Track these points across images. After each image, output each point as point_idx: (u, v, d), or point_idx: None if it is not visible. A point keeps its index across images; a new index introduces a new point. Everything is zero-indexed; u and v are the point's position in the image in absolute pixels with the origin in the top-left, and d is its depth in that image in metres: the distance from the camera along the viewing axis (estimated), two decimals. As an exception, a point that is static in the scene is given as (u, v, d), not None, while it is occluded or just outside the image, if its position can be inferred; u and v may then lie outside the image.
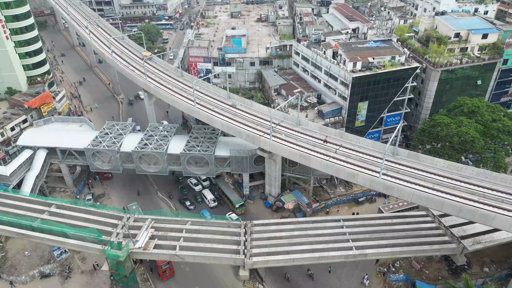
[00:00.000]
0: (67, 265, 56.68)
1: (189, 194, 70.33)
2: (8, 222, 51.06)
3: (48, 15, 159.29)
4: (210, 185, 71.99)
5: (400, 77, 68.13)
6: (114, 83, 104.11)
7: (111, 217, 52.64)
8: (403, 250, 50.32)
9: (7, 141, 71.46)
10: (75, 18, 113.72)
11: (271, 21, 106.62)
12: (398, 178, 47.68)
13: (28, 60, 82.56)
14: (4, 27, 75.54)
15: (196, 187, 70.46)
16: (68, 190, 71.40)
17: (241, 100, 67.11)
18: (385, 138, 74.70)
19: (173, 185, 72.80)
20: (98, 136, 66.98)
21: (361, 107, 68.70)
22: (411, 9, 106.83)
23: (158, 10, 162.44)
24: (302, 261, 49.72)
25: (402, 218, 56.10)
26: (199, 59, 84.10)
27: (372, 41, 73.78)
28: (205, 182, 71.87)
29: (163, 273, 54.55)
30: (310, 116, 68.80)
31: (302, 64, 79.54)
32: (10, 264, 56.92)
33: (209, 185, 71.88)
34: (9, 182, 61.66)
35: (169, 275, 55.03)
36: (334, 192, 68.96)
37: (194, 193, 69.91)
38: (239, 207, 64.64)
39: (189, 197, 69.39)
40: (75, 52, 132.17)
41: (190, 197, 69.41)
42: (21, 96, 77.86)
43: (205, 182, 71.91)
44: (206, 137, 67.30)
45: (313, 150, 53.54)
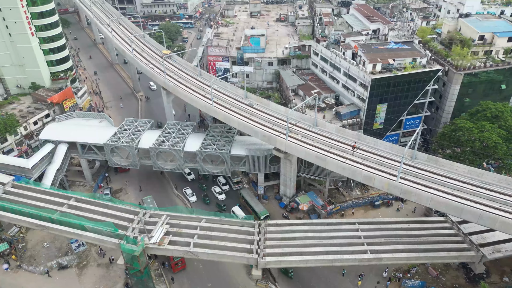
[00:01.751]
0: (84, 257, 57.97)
1: (212, 202, 68.60)
2: (29, 213, 52.55)
3: (72, 12, 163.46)
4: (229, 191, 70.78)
5: (421, 79, 66.83)
6: (134, 81, 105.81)
7: (128, 212, 53.50)
8: (420, 256, 49.37)
9: (30, 135, 73.54)
10: (98, 16, 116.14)
11: (290, 21, 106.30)
12: (416, 183, 46.76)
13: (52, 56, 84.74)
14: (30, 23, 77.74)
15: (220, 195, 68.45)
16: (87, 184, 72.95)
17: (258, 99, 67.13)
18: (404, 141, 73.39)
19: (187, 182, 73.47)
20: (117, 132, 68.17)
21: (380, 109, 67.71)
22: (434, 11, 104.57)
23: (178, 9, 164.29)
24: (315, 263, 49.40)
25: (420, 223, 55.09)
26: (218, 58, 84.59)
27: (393, 43, 72.62)
28: (225, 187, 71.15)
29: (175, 266, 55.42)
30: (328, 117, 68.25)
31: (321, 65, 78.99)
32: (29, 254, 58.55)
33: (228, 189, 70.86)
34: (31, 175, 63.49)
35: (180, 268, 55.71)
36: (349, 195, 68.19)
37: (217, 201, 67.95)
38: (264, 219, 60.84)
39: (212, 206, 68.06)
40: (97, 49, 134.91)
41: (212, 206, 68.17)
42: (44, 92, 79.98)
43: (224, 186, 71.34)
44: (222, 135, 67.60)
45: (329, 152, 53.10)
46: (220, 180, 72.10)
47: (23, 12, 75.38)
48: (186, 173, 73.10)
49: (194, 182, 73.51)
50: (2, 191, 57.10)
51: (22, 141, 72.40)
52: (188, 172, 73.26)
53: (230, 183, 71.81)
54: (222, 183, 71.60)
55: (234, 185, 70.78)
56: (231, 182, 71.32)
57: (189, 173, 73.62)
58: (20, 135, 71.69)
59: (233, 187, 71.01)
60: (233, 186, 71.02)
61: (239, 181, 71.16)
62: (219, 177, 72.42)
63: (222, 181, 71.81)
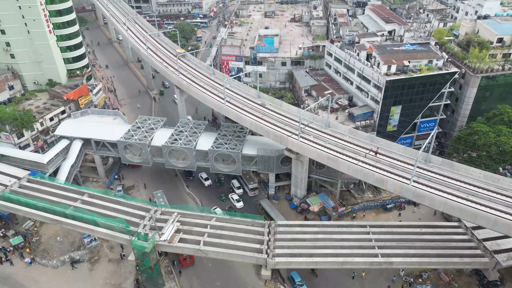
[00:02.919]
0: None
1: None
2: (43, 208, 53.59)
3: (89, 11, 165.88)
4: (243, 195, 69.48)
5: (436, 82, 65.77)
6: (148, 79, 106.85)
7: (139, 209, 54.07)
8: (432, 261, 48.63)
9: (46, 131, 74.89)
10: (114, 15, 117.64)
11: (304, 22, 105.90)
12: (429, 186, 46.10)
13: (69, 54, 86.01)
14: (48, 21, 79.13)
15: (238, 203, 66.70)
16: (100, 181, 73.94)
17: (271, 99, 67.05)
18: (418, 144, 72.35)
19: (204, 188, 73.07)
20: (131, 129, 68.93)
21: (394, 112, 66.88)
22: (451, 12, 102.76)
23: (193, 8, 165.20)
24: (325, 265, 49.12)
25: (432, 228, 54.21)
26: (231, 58, 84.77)
27: (408, 44, 71.65)
28: (239, 190, 69.89)
29: (184, 261, 55.96)
30: (340, 119, 67.74)
31: (335, 66, 78.45)
32: (43, 248, 59.66)
33: (242, 193, 69.58)
34: (46, 170, 64.71)
35: (189, 263, 56.20)
36: (361, 197, 67.54)
37: (235, 210, 66.10)
38: None
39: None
40: (113, 47, 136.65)
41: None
42: (60, 88, 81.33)
43: (238, 190, 70.01)
44: (234, 135, 67.71)
45: (342, 153, 52.69)
46: (234, 183, 71.00)
47: (42, 10, 76.77)
48: (204, 178, 72.42)
49: (211, 188, 71.62)
50: (18, 185, 58.34)
51: (38, 136, 73.77)
52: (205, 178, 72.44)
53: (245, 188, 70.24)
54: (236, 186, 70.65)
55: (250, 191, 69.15)
56: (247, 188, 69.75)
57: (207, 178, 72.57)
58: (36, 131, 73.06)
59: (248, 193, 69.34)
60: (249, 192, 69.33)
61: (255, 187, 69.31)
62: (233, 181, 71.43)
63: (236, 185, 70.69)
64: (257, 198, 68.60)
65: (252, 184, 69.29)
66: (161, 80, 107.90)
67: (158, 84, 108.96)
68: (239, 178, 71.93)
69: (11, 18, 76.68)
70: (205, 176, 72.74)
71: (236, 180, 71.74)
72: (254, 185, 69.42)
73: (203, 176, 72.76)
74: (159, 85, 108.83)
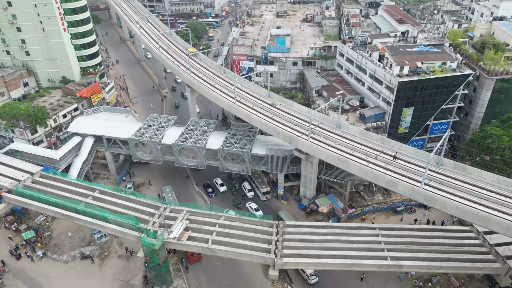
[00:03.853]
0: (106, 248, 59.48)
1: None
2: (55, 203, 54.42)
3: (102, 9, 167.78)
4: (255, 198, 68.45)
5: (450, 84, 64.87)
6: (159, 78, 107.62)
7: (149, 206, 54.53)
8: (442, 265, 47.97)
9: (59, 127, 76.00)
10: (127, 13, 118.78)
11: (316, 22, 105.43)
12: (441, 190, 45.49)
13: (82, 51, 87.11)
14: (63, 19, 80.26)
15: (256, 212, 64.49)
16: (111, 177, 74.76)
17: (281, 99, 66.95)
18: (430, 147, 71.43)
19: (207, 179, 74.04)
20: (142, 127, 69.52)
21: (406, 113, 66.16)
22: (466, 13, 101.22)
23: (205, 7, 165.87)
24: (333, 266, 48.83)
25: (443, 232, 53.52)
26: (242, 57, 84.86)
27: (422, 45, 70.79)
28: (250, 193, 68.70)
29: (191, 256, 56.22)
30: (351, 120, 67.27)
31: (346, 66, 77.95)
32: (54, 243, 60.54)
33: (253, 196, 68.52)
34: (58, 166, 65.68)
35: (196, 259, 56.44)
36: (371, 199, 67.00)
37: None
38: None
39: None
40: (125, 46, 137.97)
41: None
42: (74, 86, 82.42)
43: (249, 192, 68.83)
44: (244, 134, 67.78)
45: (352, 155, 52.33)
46: (245, 186, 70.24)
47: (57, 8, 77.88)
48: (219, 184, 71.25)
49: (227, 194, 70.19)
50: (31, 180, 59.32)
51: (51, 133, 74.90)
52: (221, 183, 71.31)
53: (257, 192, 69.23)
54: (247, 189, 69.59)
55: (262, 195, 68.04)
56: (259, 192, 68.70)
57: (222, 184, 71.39)
58: (49, 127, 74.19)
59: (260, 198, 68.30)
60: (261, 196, 68.24)
61: (267, 191, 68.17)
62: (244, 183, 70.73)
63: (248, 187, 69.91)
64: (271, 204, 67.51)
65: (264, 188, 68.00)
66: (173, 77, 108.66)
67: (170, 84, 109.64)
68: (250, 182, 71.26)
69: (27, 15, 78.02)
70: (220, 181, 71.72)
71: (248, 183, 70.93)
72: (266, 189, 68.06)
73: (218, 182, 71.66)
74: (171, 84, 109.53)
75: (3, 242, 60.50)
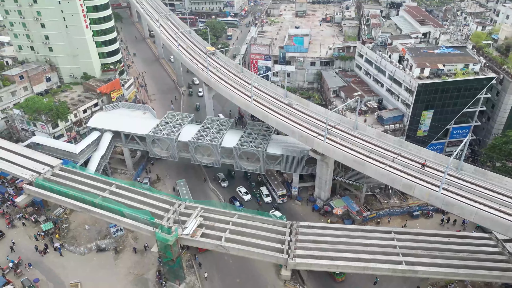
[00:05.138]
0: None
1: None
2: (74, 196, 55.61)
3: (124, 7, 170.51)
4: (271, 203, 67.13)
5: (472, 87, 63.24)
6: (178, 75, 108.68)
7: (164, 202, 55.11)
8: (459, 272, 46.83)
9: (79, 122, 77.62)
10: (148, 11, 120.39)
11: (336, 22, 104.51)
12: (460, 195, 44.45)
13: (104, 48, 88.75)
14: (85, 16, 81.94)
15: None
16: (128, 173, 75.94)
17: (298, 99, 66.64)
18: (449, 151, 69.91)
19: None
20: (159, 124, 70.35)
21: (425, 116, 64.89)
22: (491, 15, 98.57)
23: (225, 6, 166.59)
24: (347, 269, 48.36)
25: (461, 238, 52.25)
26: (260, 57, 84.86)
27: (444, 47, 69.30)
28: (267, 198, 67.66)
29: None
30: (369, 121, 66.42)
31: (365, 67, 77.01)
32: (71, 235, 61.88)
33: (270, 201, 67.25)
34: (78, 160, 67.13)
35: (205, 249, 55.71)
36: (387, 203, 66.00)
37: None
38: None
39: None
40: (145, 43, 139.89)
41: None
42: (94, 82, 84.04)
43: (267, 198, 67.71)
44: (259, 133, 67.78)
45: (369, 157, 51.66)
46: (262, 191, 69.13)
47: (80, 5, 79.56)
48: (243, 192, 69.26)
49: (252, 203, 67.86)
50: (50, 173, 60.78)
51: (71, 127, 76.55)
52: (245, 191, 69.32)
53: (273, 195, 68.28)
54: (265, 194, 68.53)
55: (279, 198, 67.27)
56: (275, 195, 67.74)
57: (246, 192, 69.27)
58: (70, 122, 75.84)
59: (277, 200, 67.48)
60: (277, 199, 67.42)
61: (283, 194, 67.41)
62: (262, 188, 69.96)
63: (265, 192, 68.89)
64: (285, 204, 66.81)
65: (280, 191, 67.24)
66: (192, 79, 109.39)
67: (186, 81, 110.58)
68: (267, 184, 70.49)
69: (51, 12, 80.00)
70: (244, 190, 69.76)
71: (265, 187, 70.00)
72: (282, 191, 67.31)
73: (241, 191, 69.54)
74: (187, 82, 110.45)
75: (25, 235, 62.30)
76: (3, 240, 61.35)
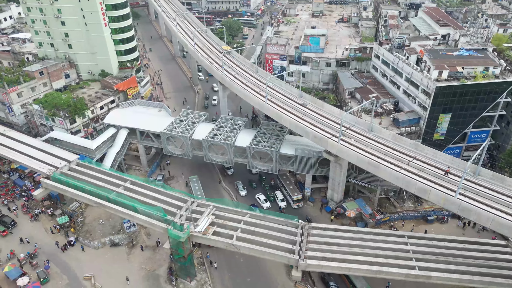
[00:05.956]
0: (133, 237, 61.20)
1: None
2: (89, 191, 56.57)
3: (142, 6, 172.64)
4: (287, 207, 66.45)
5: (492, 90, 61.78)
6: (193, 74, 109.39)
7: (177, 199, 55.56)
8: (474, 279, 45.81)
9: (96, 118, 78.92)
10: (165, 10, 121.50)
11: (353, 22, 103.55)
12: (477, 200, 43.50)
13: (121, 46, 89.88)
14: (104, 14, 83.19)
15: None
16: (142, 169, 76.86)
17: (313, 100, 66.29)
18: (467, 155, 68.42)
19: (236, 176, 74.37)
20: (174, 122, 70.96)
21: (443, 119, 63.71)
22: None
23: (241, 6, 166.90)
24: (358, 272, 47.78)
25: (477, 245, 51.09)
26: (275, 56, 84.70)
27: (463, 49, 67.92)
28: (282, 203, 66.62)
29: None
30: (384, 123, 65.59)
31: (382, 69, 76.06)
32: (86, 229, 62.98)
33: (286, 206, 66.40)
34: (94, 155, 68.26)
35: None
36: (401, 206, 65.10)
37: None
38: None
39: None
40: (162, 42, 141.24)
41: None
42: (111, 79, 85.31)
43: (282, 202, 66.70)
44: (273, 133, 67.68)
45: (383, 159, 51.02)
46: (277, 195, 68.34)
47: (99, 4, 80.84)
48: (262, 199, 67.46)
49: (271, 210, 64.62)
50: (67, 168, 61.97)
51: (88, 123, 77.90)
52: (264, 199, 67.63)
53: (289, 199, 67.38)
54: (280, 198, 67.68)
55: (294, 203, 66.20)
56: (291, 200, 66.81)
57: (266, 200, 67.57)
58: (87, 118, 77.18)
59: (292, 205, 66.41)
60: (292, 204, 66.37)
61: (299, 199, 66.20)
62: (277, 192, 68.94)
63: (280, 197, 68.04)
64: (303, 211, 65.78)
65: (296, 196, 66.19)
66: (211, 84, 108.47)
67: (202, 81, 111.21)
68: (282, 189, 69.78)
69: (71, 10, 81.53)
70: (263, 197, 67.95)
71: (280, 192, 69.39)
72: (298, 196, 66.20)
73: (260, 198, 67.89)
74: (202, 82, 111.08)
75: (41, 228, 63.74)
76: (15, 229, 62.90)
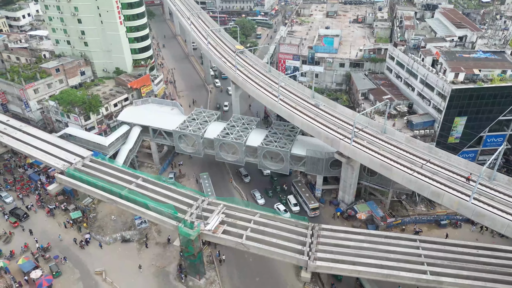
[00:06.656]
0: (145, 234, 61.80)
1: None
2: (102, 187, 57.35)
3: (157, 5, 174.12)
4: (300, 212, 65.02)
5: (509, 94, 60.42)
6: (206, 73, 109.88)
7: (188, 197, 55.91)
8: (486, 286, 44.87)
9: (109, 115, 79.86)
10: (180, 9, 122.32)
11: (368, 23, 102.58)
12: (491, 206, 42.67)
13: (136, 44, 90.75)
14: (120, 13, 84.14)
15: None
16: (154, 167, 77.55)
17: (325, 100, 65.92)
18: (482, 159, 67.11)
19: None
20: (186, 120, 71.42)
21: (458, 123, 62.64)
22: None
23: (255, 5, 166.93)
24: (368, 275, 47.38)
25: (491, 251, 50.09)
26: (288, 56, 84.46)
27: (480, 51, 66.67)
28: (295, 208, 65.49)
29: None
30: (398, 126, 64.84)
31: (396, 70, 75.17)
32: (98, 224, 63.86)
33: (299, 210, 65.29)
34: (107, 152, 69.20)
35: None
36: (413, 210, 64.28)
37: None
38: None
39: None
40: (176, 41, 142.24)
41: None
42: (126, 77, 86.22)
43: (295, 207, 65.62)
44: (284, 133, 67.54)
45: (396, 162, 50.45)
46: (290, 200, 67.22)
47: (115, 2, 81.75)
48: (282, 210, 64.69)
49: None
50: (81, 164, 62.92)
51: (102, 120, 78.87)
52: (284, 209, 64.97)
53: (304, 207, 65.77)
54: (292, 203, 66.41)
55: (310, 212, 64.10)
56: (307, 208, 64.84)
57: (286, 210, 64.78)
58: (101, 115, 78.14)
59: (308, 214, 64.19)
60: (309, 212, 64.28)
61: (316, 207, 64.28)
62: (289, 197, 67.71)
63: (293, 201, 66.77)
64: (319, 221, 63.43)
65: (312, 204, 64.00)
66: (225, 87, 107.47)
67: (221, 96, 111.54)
68: (297, 196, 68.36)
69: (87, 8, 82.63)
70: (282, 208, 65.24)
71: (293, 196, 68.35)
72: (315, 204, 64.01)
73: (280, 208, 65.09)
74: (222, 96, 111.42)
75: (55, 222, 64.86)
76: (29, 223, 64.10)
